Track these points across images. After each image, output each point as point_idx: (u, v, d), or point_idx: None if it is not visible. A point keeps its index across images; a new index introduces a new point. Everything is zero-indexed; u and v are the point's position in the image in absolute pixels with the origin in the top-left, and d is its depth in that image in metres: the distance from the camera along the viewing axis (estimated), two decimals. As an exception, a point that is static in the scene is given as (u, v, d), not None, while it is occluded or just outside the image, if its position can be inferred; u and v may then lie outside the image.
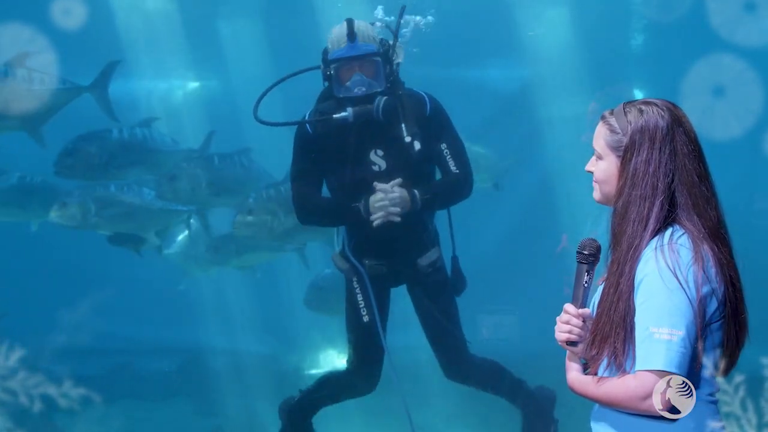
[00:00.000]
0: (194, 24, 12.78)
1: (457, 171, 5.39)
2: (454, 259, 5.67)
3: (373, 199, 5.24)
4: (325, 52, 5.29)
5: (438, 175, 5.53)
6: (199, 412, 9.71)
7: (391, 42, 5.32)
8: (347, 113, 5.17)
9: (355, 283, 5.50)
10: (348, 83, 5.20)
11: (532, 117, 14.29)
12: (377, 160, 5.35)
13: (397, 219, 5.23)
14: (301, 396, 5.81)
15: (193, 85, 16.23)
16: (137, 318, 12.09)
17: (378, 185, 5.25)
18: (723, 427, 2.84)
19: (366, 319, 5.47)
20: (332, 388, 5.78)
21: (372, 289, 5.44)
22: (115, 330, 9.92)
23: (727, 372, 2.87)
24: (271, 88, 5.53)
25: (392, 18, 5.49)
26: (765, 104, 11.66)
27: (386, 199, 5.21)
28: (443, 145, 5.37)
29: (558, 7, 12.88)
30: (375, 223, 5.24)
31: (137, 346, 11.47)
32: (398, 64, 5.35)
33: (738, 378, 2.30)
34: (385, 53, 5.24)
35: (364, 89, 5.18)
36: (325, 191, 5.55)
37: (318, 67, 5.36)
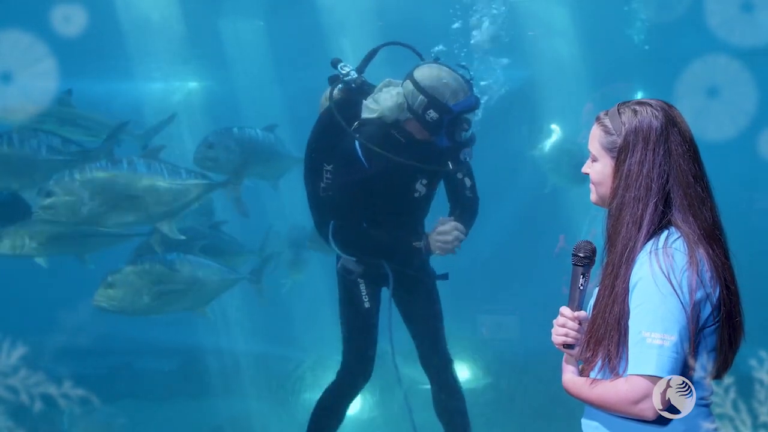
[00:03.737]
0: (195, 24, 12.79)
1: (471, 196, 5.62)
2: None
3: (438, 237, 5.44)
4: (437, 99, 5.25)
5: None
6: (199, 412, 9.72)
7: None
8: (467, 155, 5.47)
9: (360, 283, 5.57)
10: (465, 128, 5.39)
11: (532, 117, 14.29)
12: (420, 187, 5.48)
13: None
14: None
15: (194, 85, 16.25)
16: (137, 318, 12.08)
17: (442, 224, 5.46)
18: (716, 429, 2.85)
19: (367, 305, 5.54)
20: (331, 404, 5.76)
21: (376, 289, 5.58)
22: (115, 330, 9.93)
23: (721, 375, 2.86)
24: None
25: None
26: (765, 104, 11.67)
27: (452, 240, 5.42)
28: (460, 174, 5.58)
29: (558, 6, 12.88)
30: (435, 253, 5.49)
31: (137, 346, 11.47)
32: None
33: (728, 379, 2.31)
34: None
35: (473, 132, 5.50)
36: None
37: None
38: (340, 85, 5.48)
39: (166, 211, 7.57)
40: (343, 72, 5.46)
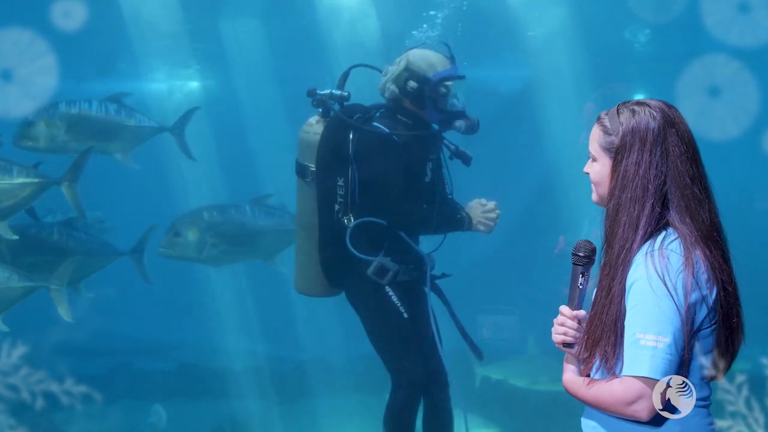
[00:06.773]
0: (196, 24, 12.80)
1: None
2: None
3: (481, 212, 5.68)
4: (414, 72, 5.48)
5: None
6: (199, 412, 9.73)
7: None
8: (473, 120, 5.56)
9: (391, 295, 5.52)
10: (458, 98, 5.57)
11: (532, 117, 14.30)
12: (429, 171, 5.60)
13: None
14: None
15: (195, 84, 16.27)
16: (137, 318, 12.10)
17: (481, 201, 5.71)
18: (714, 430, 2.84)
19: (406, 315, 5.50)
20: (407, 422, 5.63)
21: (407, 296, 5.54)
22: (115, 330, 9.93)
23: (719, 376, 2.84)
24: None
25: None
26: (765, 104, 11.68)
27: (495, 218, 5.69)
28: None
29: (558, 6, 12.89)
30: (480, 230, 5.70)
31: (137, 346, 11.48)
32: None
33: (740, 378, 2.31)
34: None
35: (467, 104, 5.65)
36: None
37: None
38: (334, 106, 5.57)
39: None
40: (326, 92, 5.55)
